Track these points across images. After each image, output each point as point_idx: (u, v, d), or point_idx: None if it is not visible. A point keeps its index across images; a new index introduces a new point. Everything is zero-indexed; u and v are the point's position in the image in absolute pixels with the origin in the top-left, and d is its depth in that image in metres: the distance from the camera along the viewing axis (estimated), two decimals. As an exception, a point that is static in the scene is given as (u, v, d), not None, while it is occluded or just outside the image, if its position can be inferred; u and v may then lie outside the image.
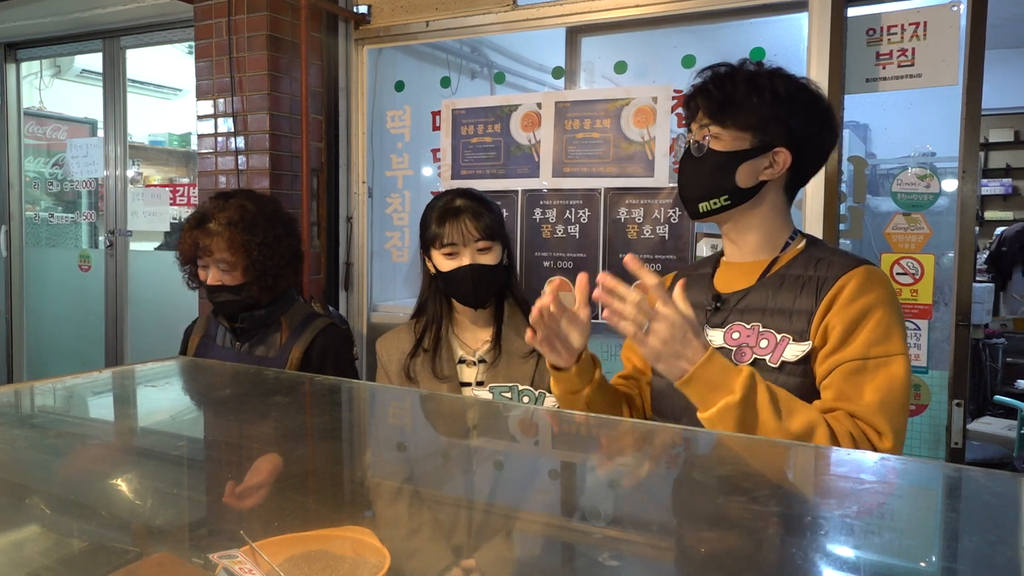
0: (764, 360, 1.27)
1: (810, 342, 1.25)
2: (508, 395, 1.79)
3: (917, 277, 2.41)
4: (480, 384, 1.83)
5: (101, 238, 4.19)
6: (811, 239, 1.40)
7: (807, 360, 1.25)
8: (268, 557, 0.73)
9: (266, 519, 0.86)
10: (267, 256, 2.01)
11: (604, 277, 1.11)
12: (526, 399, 1.78)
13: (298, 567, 0.75)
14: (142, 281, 4.08)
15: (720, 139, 1.32)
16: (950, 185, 2.39)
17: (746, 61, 1.36)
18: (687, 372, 1.13)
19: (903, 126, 2.67)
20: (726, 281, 1.40)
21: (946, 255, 2.41)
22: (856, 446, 1.15)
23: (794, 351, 1.25)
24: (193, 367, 1.60)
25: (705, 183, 1.34)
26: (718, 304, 1.37)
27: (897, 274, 2.43)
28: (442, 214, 1.80)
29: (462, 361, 1.86)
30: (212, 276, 2.01)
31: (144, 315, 4.01)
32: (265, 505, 0.93)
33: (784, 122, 1.31)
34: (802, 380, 1.25)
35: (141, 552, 0.78)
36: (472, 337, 1.88)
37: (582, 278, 1.26)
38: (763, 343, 1.28)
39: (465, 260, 1.77)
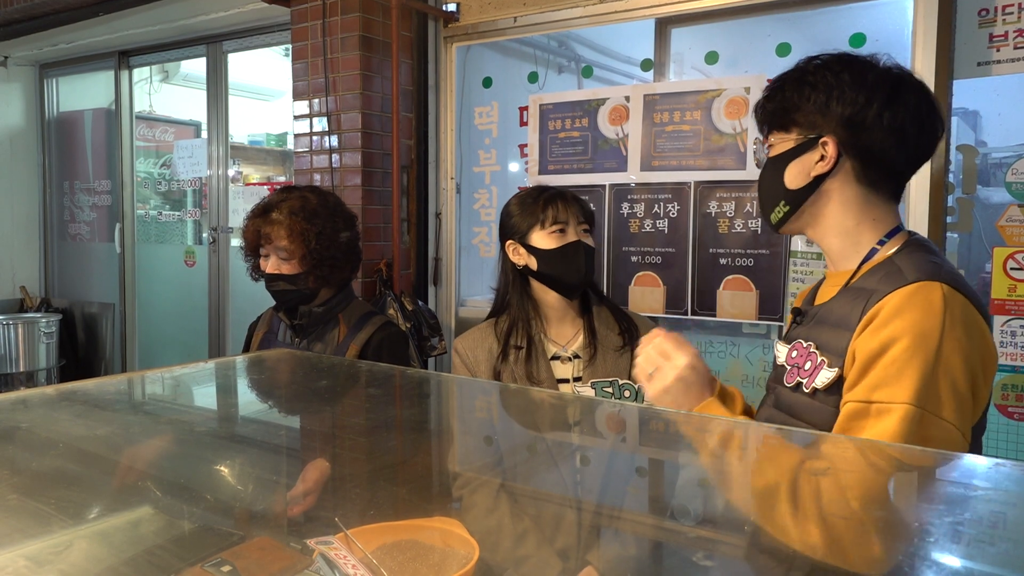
0: (802, 384, 1.20)
1: (837, 369, 1.14)
2: (609, 390, 1.78)
3: (1034, 273, 2.26)
4: (578, 380, 1.82)
5: (205, 235, 4.40)
6: (910, 242, 1.21)
7: (839, 388, 1.14)
8: (361, 545, 0.75)
9: (360, 508, 0.88)
10: (324, 246, 2.05)
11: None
12: (627, 393, 1.78)
13: (390, 555, 0.77)
14: (242, 275, 4.24)
15: (774, 146, 1.28)
16: (1072, 174, 2.24)
17: (811, 60, 1.25)
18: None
19: (1019, 112, 2.50)
20: (825, 290, 1.30)
21: (1067, 249, 2.26)
22: None
23: (824, 378, 1.16)
24: (290, 359, 1.66)
25: (764, 193, 1.31)
26: (798, 319, 1.31)
27: (1011, 269, 2.28)
28: (546, 198, 1.84)
29: (555, 358, 1.85)
30: (271, 265, 2.06)
31: (244, 308, 4.18)
32: (359, 494, 0.95)
33: (828, 109, 1.20)
34: (834, 411, 1.14)
35: (244, 535, 0.81)
36: (559, 332, 1.87)
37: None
38: (807, 365, 1.20)
39: (573, 237, 1.81)
